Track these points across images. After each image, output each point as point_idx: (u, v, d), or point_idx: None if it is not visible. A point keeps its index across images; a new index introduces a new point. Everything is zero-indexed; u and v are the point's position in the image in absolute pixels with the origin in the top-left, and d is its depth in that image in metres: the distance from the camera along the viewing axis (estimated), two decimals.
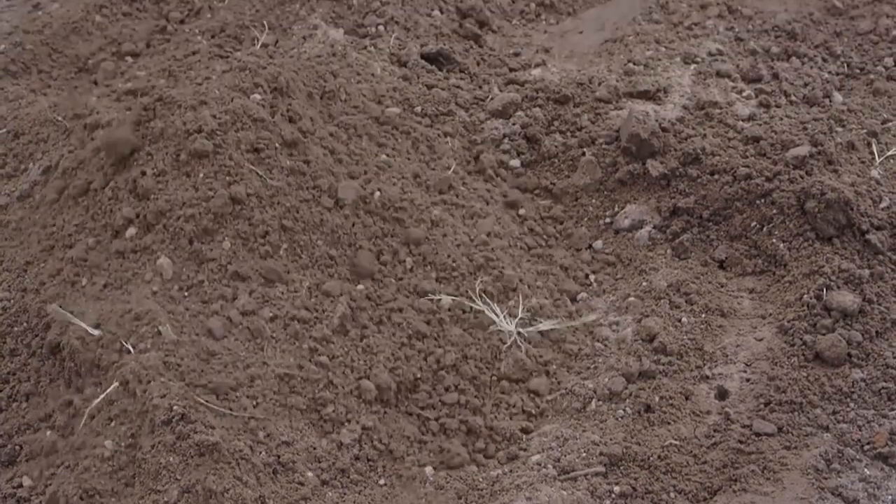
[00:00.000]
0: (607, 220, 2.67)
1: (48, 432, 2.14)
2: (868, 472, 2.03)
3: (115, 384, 2.05)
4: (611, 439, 2.13)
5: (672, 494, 2.05)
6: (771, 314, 2.39)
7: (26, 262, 2.42)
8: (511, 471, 2.14)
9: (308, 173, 2.43)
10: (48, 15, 3.20)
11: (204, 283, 2.26)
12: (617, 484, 2.06)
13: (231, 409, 2.05)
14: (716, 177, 2.61)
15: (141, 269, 2.28)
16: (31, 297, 2.32)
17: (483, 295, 2.38)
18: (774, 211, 2.52)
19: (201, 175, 2.35)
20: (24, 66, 3.05)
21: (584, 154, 2.75)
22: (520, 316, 2.36)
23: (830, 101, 2.88)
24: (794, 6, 3.28)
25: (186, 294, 2.25)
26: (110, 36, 3.19)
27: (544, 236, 2.65)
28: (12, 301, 2.35)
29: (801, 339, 2.29)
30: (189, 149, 2.36)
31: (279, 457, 2.03)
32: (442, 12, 3.27)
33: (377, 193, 2.47)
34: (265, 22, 3.16)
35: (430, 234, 2.44)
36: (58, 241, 2.40)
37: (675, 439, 2.13)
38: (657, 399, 2.21)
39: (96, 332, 2.15)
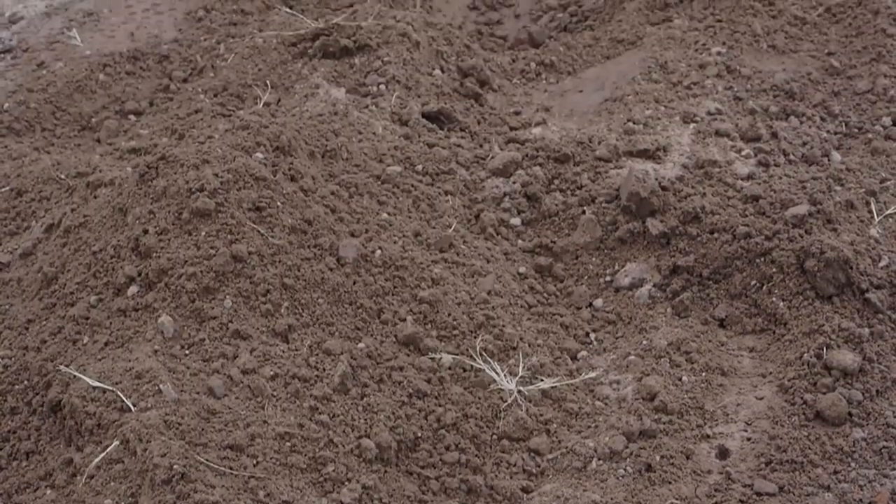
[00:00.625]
0: (607, 278, 2.70)
1: (48, 491, 2.14)
2: None
3: (116, 443, 2.06)
4: (612, 499, 2.14)
5: None
6: (771, 373, 2.41)
7: (28, 319, 2.44)
8: None
9: (309, 232, 2.46)
10: (52, 73, 3.26)
11: (205, 342, 2.28)
12: None
13: (231, 469, 2.06)
14: (715, 235, 2.64)
15: (142, 327, 2.30)
16: (33, 356, 2.34)
17: (484, 353, 2.39)
18: (774, 270, 2.55)
19: (203, 233, 2.38)
20: (27, 125, 3.10)
21: (584, 212, 2.79)
22: (520, 374, 2.37)
23: (829, 161, 2.92)
24: (792, 66, 3.34)
25: (187, 352, 2.27)
26: (114, 94, 3.24)
27: (545, 294, 2.68)
28: (13, 359, 2.36)
29: (801, 398, 2.31)
30: (191, 207, 2.40)
31: None
32: (443, 71, 3.33)
33: (378, 252, 2.50)
34: (267, 81, 3.22)
35: (431, 293, 2.47)
36: (59, 300, 2.43)
37: (677, 499, 2.14)
38: (658, 458, 2.22)
39: (97, 391, 2.16)
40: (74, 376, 2.19)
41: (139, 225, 2.42)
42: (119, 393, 2.12)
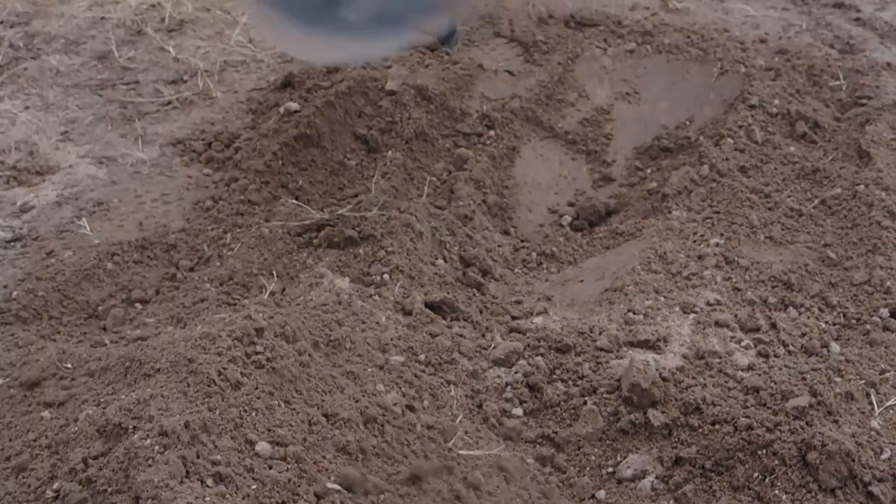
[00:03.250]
0: (610, 469, 2.77)
1: None
2: None
3: None
4: None
5: None
6: None
7: None
8: None
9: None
10: (61, 262, 3.39)
11: None
12: None
13: None
14: (717, 427, 2.73)
15: None
16: None
17: None
18: (776, 462, 2.62)
19: None
20: (35, 313, 3.22)
21: (585, 403, 2.88)
22: None
23: (828, 352, 3.03)
24: (790, 257, 3.48)
25: None
26: (121, 283, 3.37)
27: (547, 486, 2.74)
28: None
29: None
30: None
31: None
32: (446, 261, 3.47)
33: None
34: (273, 270, 3.36)
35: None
36: None
37: None
38: None
39: None
40: None
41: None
42: None
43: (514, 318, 3.27)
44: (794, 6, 5.26)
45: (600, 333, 3.08)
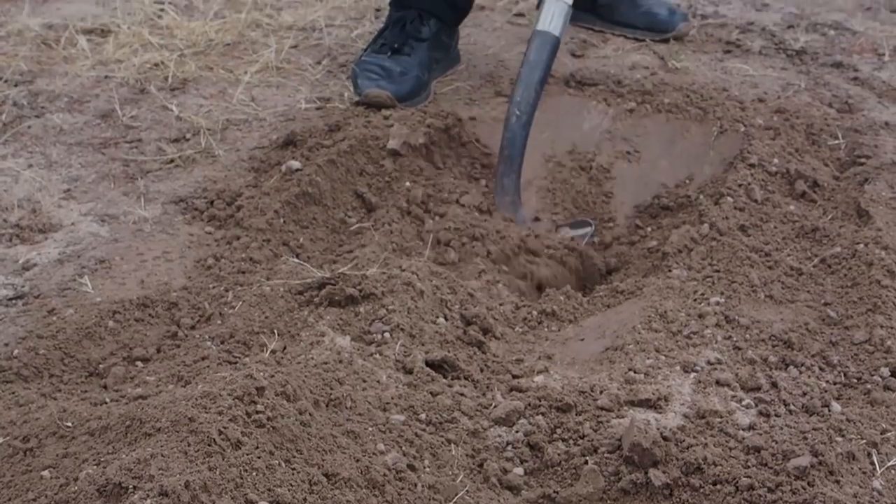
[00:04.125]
0: None
1: None
2: None
3: None
4: None
5: None
6: None
7: None
8: None
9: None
10: (62, 320, 3.42)
11: None
12: None
13: None
14: (718, 487, 2.74)
15: None
16: None
17: None
18: None
19: None
20: (36, 371, 3.24)
21: (586, 462, 2.89)
22: None
23: (829, 411, 3.04)
24: (790, 315, 3.51)
25: None
26: (122, 341, 3.40)
27: None
28: None
29: None
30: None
31: None
32: (447, 319, 3.50)
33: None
34: (274, 329, 3.39)
35: None
36: None
37: None
38: None
39: None
40: None
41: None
42: None
43: (514, 376, 3.29)
44: (792, 66, 5.35)
45: (601, 392, 3.10)
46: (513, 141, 4.24)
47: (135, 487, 2.41)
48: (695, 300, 3.55)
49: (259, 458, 2.57)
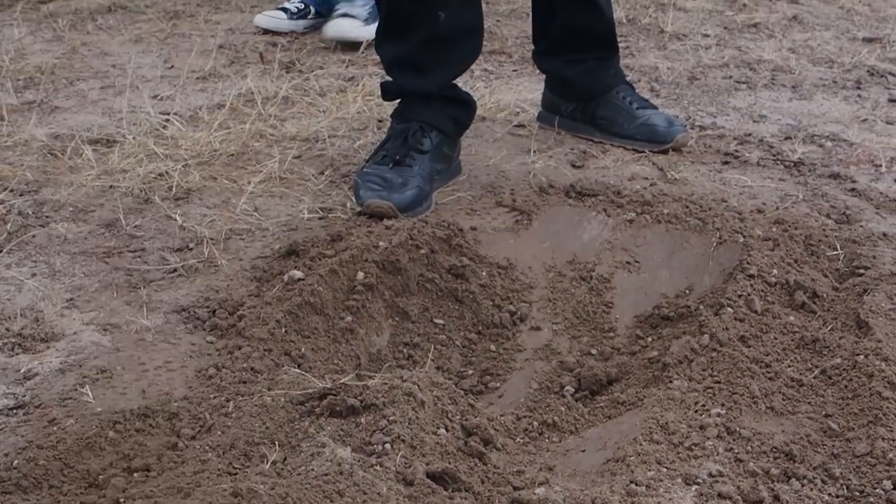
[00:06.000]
0: None
1: None
2: None
3: None
4: None
5: None
6: None
7: None
8: None
9: None
10: (63, 430, 3.46)
11: None
12: None
13: None
14: None
15: None
16: None
17: None
18: None
19: None
20: (35, 482, 3.26)
21: None
22: None
23: None
24: (791, 427, 3.55)
25: None
26: (122, 452, 3.43)
27: None
28: None
29: None
30: None
31: None
32: (447, 430, 3.54)
33: None
34: (275, 440, 3.42)
35: None
36: None
37: None
38: None
39: None
40: None
41: None
42: None
43: (515, 488, 3.32)
44: (790, 177, 5.46)
45: None
46: None
47: None
48: (696, 411, 3.59)
49: None
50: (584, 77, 5.71)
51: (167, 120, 5.96)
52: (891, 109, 6.52)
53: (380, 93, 5.45)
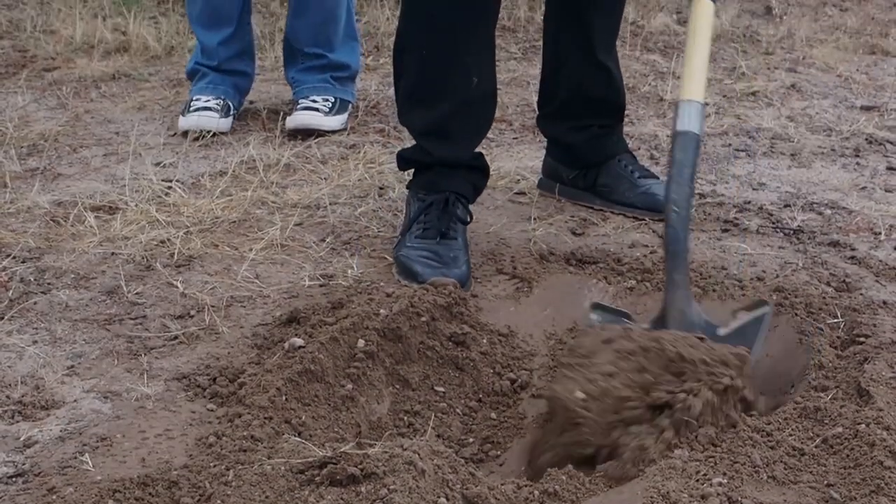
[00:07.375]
0: None
1: None
2: None
3: None
4: None
5: None
6: None
7: None
8: None
9: None
10: (62, 499, 3.47)
11: None
12: None
13: None
14: None
15: None
16: None
17: None
18: None
19: None
20: None
21: None
22: None
23: None
24: (793, 497, 3.55)
25: None
26: None
27: None
28: None
29: None
30: None
31: None
32: (448, 499, 3.54)
33: None
34: None
35: None
36: None
37: None
38: None
39: None
40: None
41: None
42: None
43: None
44: (790, 245, 5.51)
45: None
46: (675, 237, 4.26)
47: None
48: (697, 480, 3.60)
49: None
50: (588, 144, 5.76)
51: (169, 187, 6.03)
52: (889, 177, 6.59)
53: (396, 163, 5.42)
